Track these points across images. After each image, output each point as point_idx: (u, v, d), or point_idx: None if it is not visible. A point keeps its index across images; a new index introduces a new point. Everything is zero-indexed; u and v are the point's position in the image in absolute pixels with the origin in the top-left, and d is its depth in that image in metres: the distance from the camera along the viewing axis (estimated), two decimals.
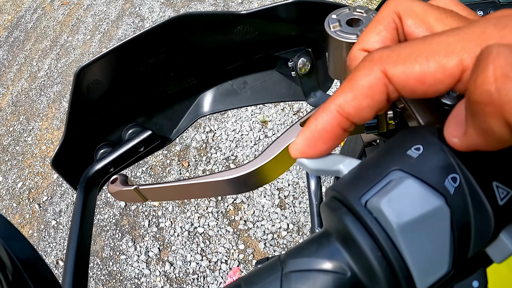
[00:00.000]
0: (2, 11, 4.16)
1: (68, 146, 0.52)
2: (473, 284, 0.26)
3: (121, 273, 2.15)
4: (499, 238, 0.24)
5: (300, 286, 0.26)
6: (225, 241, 2.20)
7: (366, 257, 0.24)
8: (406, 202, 0.23)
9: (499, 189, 0.24)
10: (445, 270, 0.24)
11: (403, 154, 0.26)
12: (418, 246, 0.23)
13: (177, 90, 0.58)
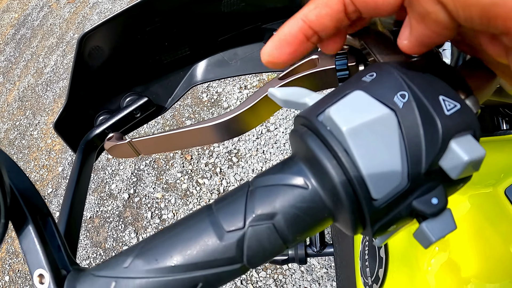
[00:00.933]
0: (10, 9, 4.21)
1: (70, 111, 0.55)
2: (432, 200, 0.26)
3: None
4: (450, 148, 0.25)
5: (264, 199, 0.28)
6: None
7: (323, 167, 0.26)
8: (354, 109, 0.25)
9: (446, 102, 0.26)
10: (399, 181, 0.25)
11: (358, 80, 0.28)
12: (369, 151, 0.25)
13: (172, 60, 0.60)
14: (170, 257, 0.28)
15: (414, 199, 0.26)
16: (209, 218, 0.29)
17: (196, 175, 2.46)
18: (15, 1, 4.31)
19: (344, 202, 0.26)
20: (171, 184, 2.46)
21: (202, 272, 0.28)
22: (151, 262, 0.28)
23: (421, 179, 0.26)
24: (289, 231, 0.28)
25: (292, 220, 0.28)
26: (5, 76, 3.47)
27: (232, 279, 0.29)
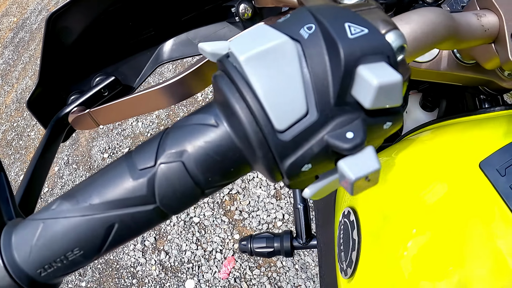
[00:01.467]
0: (9, 13, 4.25)
1: (42, 91, 0.57)
2: (347, 134, 0.25)
3: (118, 262, 2.20)
4: (358, 74, 0.24)
5: (175, 138, 0.29)
6: (220, 230, 2.23)
7: (229, 102, 0.26)
8: (253, 40, 0.25)
9: (351, 27, 0.25)
10: (304, 111, 0.25)
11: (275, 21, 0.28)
12: (268, 80, 0.24)
13: (138, 41, 0.62)
14: (89, 197, 0.29)
15: (327, 134, 0.25)
16: (126, 159, 0.30)
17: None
18: (14, 5, 4.35)
19: (250, 136, 0.26)
20: None
21: (117, 212, 0.28)
22: (73, 202, 0.29)
23: (332, 110, 0.25)
24: (198, 170, 0.28)
25: (202, 159, 0.28)
26: (4, 79, 3.50)
27: (149, 224, 0.30)
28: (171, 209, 0.29)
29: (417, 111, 0.86)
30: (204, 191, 0.29)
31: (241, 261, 2.10)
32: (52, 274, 0.30)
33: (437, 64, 0.64)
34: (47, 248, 0.29)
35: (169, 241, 2.23)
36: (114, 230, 0.29)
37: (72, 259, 0.29)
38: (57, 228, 0.29)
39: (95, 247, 0.29)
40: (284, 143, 0.25)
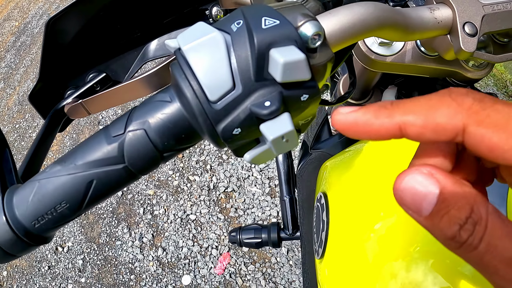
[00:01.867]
0: (10, 18, 4.32)
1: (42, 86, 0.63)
2: (265, 103, 0.31)
3: (116, 258, 2.25)
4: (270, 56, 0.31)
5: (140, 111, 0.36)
6: (216, 227, 2.29)
7: (177, 82, 0.33)
8: (192, 33, 0.33)
9: (266, 20, 0.32)
10: (230, 86, 0.32)
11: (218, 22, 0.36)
12: (204, 64, 0.32)
13: (127, 41, 0.68)
14: (74, 159, 0.36)
15: (250, 103, 0.32)
16: (104, 130, 0.37)
17: (187, 172, 2.54)
18: (15, 10, 4.42)
19: (193, 107, 0.33)
20: (163, 181, 2.53)
21: (95, 170, 0.36)
22: (62, 164, 0.36)
23: (253, 85, 0.32)
24: (157, 136, 0.35)
25: (159, 127, 0.35)
26: (6, 82, 3.56)
27: (120, 182, 0.37)
28: (136, 168, 0.36)
29: None
30: (162, 154, 0.36)
31: (236, 257, 2.15)
32: (44, 225, 0.37)
33: (402, 57, 0.68)
34: (41, 202, 0.36)
35: (166, 238, 2.28)
36: (93, 185, 0.36)
37: (60, 211, 0.36)
38: (49, 185, 0.36)
39: (78, 200, 0.36)
40: (217, 111, 0.32)
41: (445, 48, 0.58)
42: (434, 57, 0.68)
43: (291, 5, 0.36)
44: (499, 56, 0.61)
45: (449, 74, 0.71)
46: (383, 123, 0.26)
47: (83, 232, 2.40)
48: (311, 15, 0.35)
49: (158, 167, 0.38)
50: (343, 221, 0.63)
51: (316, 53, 0.34)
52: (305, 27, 0.33)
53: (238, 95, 0.32)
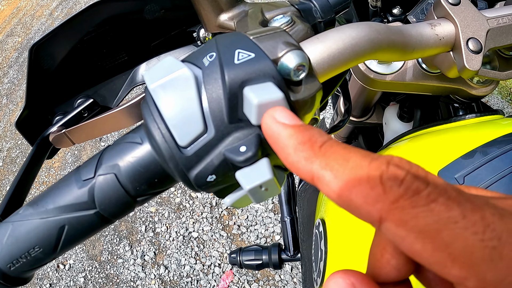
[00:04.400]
0: (13, 33, 4.34)
1: (29, 112, 0.62)
2: (240, 148, 0.28)
3: (118, 276, 2.23)
4: (244, 95, 0.28)
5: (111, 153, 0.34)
6: (218, 245, 2.27)
7: (147, 123, 0.31)
8: (159, 70, 0.30)
9: (240, 53, 0.30)
10: (201, 129, 0.29)
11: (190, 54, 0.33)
12: (172, 104, 0.29)
13: (113, 65, 0.67)
14: (46, 202, 0.35)
15: (224, 148, 0.29)
16: (74, 172, 0.35)
17: (189, 190, 2.52)
18: (18, 26, 4.44)
19: (163, 152, 0.30)
20: (165, 198, 2.52)
21: (66, 215, 0.34)
22: (34, 207, 0.35)
23: (227, 127, 0.29)
24: (128, 181, 0.33)
25: (130, 171, 0.33)
26: (9, 98, 3.57)
27: (93, 227, 0.35)
28: (109, 214, 0.35)
29: (395, 122, 0.88)
30: (135, 198, 0.34)
31: (239, 275, 2.13)
32: (20, 268, 0.35)
33: (402, 75, 0.65)
34: (14, 245, 0.35)
35: (168, 256, 2.26)
36: (65, 231, 0.34)
37: (34, 255, 0.35)
38: (22, 228, 0.35)
39: (51, 245, 0.35)
40: (188, 157, 0.30)
41: (448, 66, 0.54)
42: (436, 74, 0.65)
43: (272, 31, 0.33)
44: (506, 73, 0.58)
45: (453, 91, 0.69)
46: (295, 162, 0.23)
47: (85, 250, 2.38)
48: (294, 43, 0.32)
49: (133, 210, 0.37)
50: (341, 251, 0.62)
51: (301, 86, 0.31)
52: (286, 58, 0.30)
53: (211, 139, 0.30)
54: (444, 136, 0.65)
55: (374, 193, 0.19)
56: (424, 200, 0.19)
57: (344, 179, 0.20)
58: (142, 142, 0.33)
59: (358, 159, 0.21)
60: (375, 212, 0.19)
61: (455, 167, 0.53)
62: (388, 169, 0.20)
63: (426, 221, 0.18)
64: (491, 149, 0.53)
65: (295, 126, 0.24)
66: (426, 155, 0.62)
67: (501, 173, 0.50)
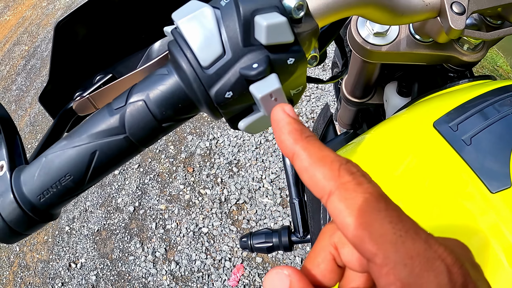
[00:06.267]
0: (20, 42, 4.40)
1: (51, 87, 0.64)
2: (253, 65, 0.34)
3: (129, 273, 2.25)
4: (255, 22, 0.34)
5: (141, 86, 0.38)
6: (229, 239, 2.28)
7: (173, 54, 0.36)
8: (185, 9, 0.36)
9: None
10: (220, 52, 0.35)
11: None
12: (196, 34, 0.35)
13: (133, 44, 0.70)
14: (80, 133, 0.38)
15: (239, 67, 0.35)
16: (107, 106, 0.39)
17: (198, 186, 2.55)
18: (25, 34, 4.50)
19: (188, 75, 0.35)
20: (174, 195, 2.54)
21: (98, 141, 0.37)
22: (68, 139, 0.38)
23: (242, 50, 0.35)
24: (155, 106, 0.37)
25: (158, 97, 0.37)
26: (17, 104, 3.61)
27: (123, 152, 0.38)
28: (137, 138, 0.38)
29: (395, 98, 0.92)
30: (161, 124, 0.38)
31: (250, 268, 2.14)
32: (49, 199, 0.38)
33: (396, 45, 0.69)
34: (46, 175, 0.38)
35: (179, 252, 2.28)
36: (95, 156, 0.37)
37: (65, 184, 0.38)
38: (54, 159, 0.38)
39: (82, 171, 0.38)
40: (210, 75, 0.35)
41: (437, 31, 0.59)
42: (428, 43, 0.69)
43: None
44: (491, 33, 0.62)
45: (445, 59, 0.72)
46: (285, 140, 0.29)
47: (96, 248, 2.40)
48: None
49: (158, 139, 0.39)
50: None
51: (301, 23, 0.37)
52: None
53: (228, 60, 0.35)
54: (438, 98, 0.68)
55: (331, 173, 0.26)
56: (363, 190, 0.25)
57: (314, 160, 0.27)
58: (168, 73, 0.37)
59: (329, 152, 0.28)
60: (328, 187, 0.26)
61: (449, 117, 0.57)
62: (346, 164, 0.27)
63: (360, 203, 0.24)
64: (482, 101, 0.57)
65: (293, 118, 0.31)
66: (421, 112, 0.65)
67: (490, 120, 0.53)
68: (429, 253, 0.23)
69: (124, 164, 0.41)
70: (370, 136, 0.69)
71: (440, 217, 0.49)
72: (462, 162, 0.50)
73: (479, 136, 0.52)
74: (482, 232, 0.45)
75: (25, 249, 2.51)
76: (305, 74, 0.38)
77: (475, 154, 0.50)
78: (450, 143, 0.53)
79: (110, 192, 2.65)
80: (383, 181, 0.58)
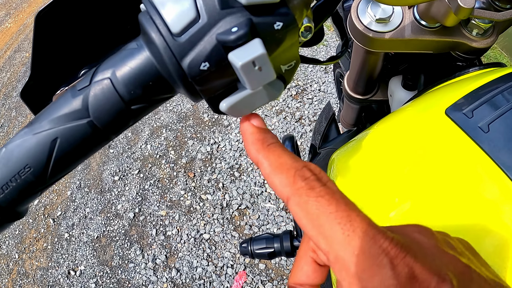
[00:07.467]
0: (21, 49, 4.38)
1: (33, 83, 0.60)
2: (232, 29, 0.29)
3: (129, 281, 2.20)
4: None
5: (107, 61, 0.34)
6: (230, 246, 2.24)
7: (141, 23, 0.31)
8: None
9: None
10: (194, 16, 0.29)
11: None
12: None
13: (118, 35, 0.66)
14: (40, 119, 0.33)
15: (217, 33, 0.29)
16: (72, 86, 0.34)
17: (199, 191, 2.50)
18: (25, 41, 4.48)
19: (157, 44, 0.30)
20: (175, 201, 2.49)
21: (59, 127, 0.32)
22: (29, 126, 0.33)
23: (219, 14, 0.29)
24: (122, 84, 0.32)
25: (125, 75, 0.32)
26: (18, 110, 3.59)
27: (87, 140, 0.33)
28: (102, 122, 0.33)
29: (400, 92, 0.87)
30: (129, 106, 0.33)
31: (252, 275, 2.09)
32: (9, 195, 0.34)
33: (401, 32, 0.65)
34: (5, 167, 0.33)
35: (180, 258, 2.23)
36: (56, 144, 0.33)
37: (24, 177, 0.33)
38: (14, 149, 0.33)
39: (42, 162, 0.33)
40: (181, 43, 0.29)
41: (444, 12, 0.56)
42: (435, 28, 0.64)
43: None
44: (502, 13, 0.58)
45: (453, 46, 0.68)
46: (250, 149, 0.32)
47: (96, 256, 2.36)
48: None
49: (128, 125, 0.34)
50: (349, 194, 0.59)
51: None
52: None
53: (204, 25, 0.29)
54: (448, 87, 0.64)
55: (287, 181, 0.28)
56: (315, 194, 0.27)
57: (273, 168, 0.30)
58: (138, 47, 0.32)
59: (287, 159, 0.30)
60: (285, 193, 0.28)
61: (461, 104, 0.53)
62: (301, 170, 0.29)
63: (312, 207, 0.27)
64: (497, 86, 0.53)
65: (258, 128, 0.33)
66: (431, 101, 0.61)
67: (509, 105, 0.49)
68: (374, 249, 0.24)
69: (91, 154, 0.36)
70: (376, 130, 0.65)
71: (458, 212, 0.45)
72: (480, 151, 0.46)
73: (498, 122, 0.48)
74: (505, 226, 0.41)
75: (24, 256, 2.47)
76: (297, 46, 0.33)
77: (495, 142, 0.46)
78: (465, 131, 0.49)
79: (110, 198, 2.61)
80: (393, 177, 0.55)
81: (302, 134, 2.62)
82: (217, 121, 2.87)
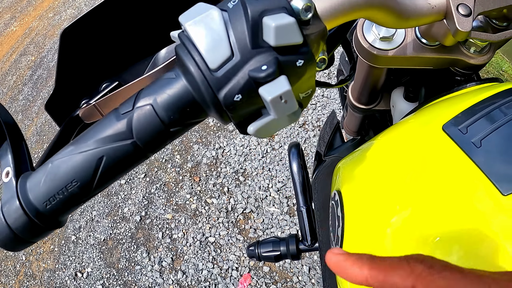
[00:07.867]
0: (26, 52, 4.42)
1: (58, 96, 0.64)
2: (262, 67, 0.34)
3: (136, 283, 2.24)
4: (264, 23, 0.34)
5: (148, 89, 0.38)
6: (235, 249, 2.27)
7: (181, 58, 0.35)
8: (193, 12, 0.35)
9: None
10: (229, 54, 0.34)
11: None
12: (204, 36, 0.34)
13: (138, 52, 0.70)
14: (87, 139, 0.37)
15: (248, 69, 0.34)
16: (113, 111, 0.39)
17: (205, 195, 2.54)
18: (31, 45, 4.52)
19: (195, 77, 0.34)
20: (181, 205, 2.53)
21: (105, 146, 0.37)
22: (75, 144, 0.38)
23: (250, 52, 0.34)
24: (163, 110, 0.36)
25: (165, 102, 0.36)
26: (24, 114, 3.63)
27: (130, 158, 0.38)
28: (144, 143, 0.37)
29: (402, 103, 0.91)
30: (169, 129, 0.37)
31: (257, 277, 2.13)
32: (55, 206, 0.37)
33: (403, 50, 0.69)
34: (52, 181, 0.37)
35: (185, 261, 2.27)
36: (103, 162, 0.37)
37: (71, 190, 0.37)
38: (61, 165, 0.37)
39: (88, 177, 0.37)
40: (218, 78, 0.34)
41: (443, 33, 0.59)
42: (435, 46, 0.68)
43: None
44: (497, 35, 0.62)
45: (452, 62, 0.72)
46: (354, 272, 0.33)
47: (102, 258, 2.40)
48: None
49: (166, 144, 0.39)
50: (358, 215, 0.63)
51: (309, 25, 0.36)
52: (295, 1, 0.35)
53: (237, 62, 0.34)
54: (446, 101, 0.68)
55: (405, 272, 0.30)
56: (437, 269, 0.29)
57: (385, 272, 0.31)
58: (176, 77, 0.37)
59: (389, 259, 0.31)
60: (409, 284, 0.29)
61: (457, 120, 0.56)
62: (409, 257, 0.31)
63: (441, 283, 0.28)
64: (490, 103, 0.56)
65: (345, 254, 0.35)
66: (430, 116, 0.65)
67: (500, 121, 0.53)
68: None
69: (130, 170, 0.40)
70: (379, 142, 0.69)
71: (452, 221, 0.49)
72: (473, 165, 0.50)
73: (489, 138, 0.51)
74: (495, 235, 0.44)
75: (31, 258, 2.51)
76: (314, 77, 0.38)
77: (486, 156, 0.50)
78: (460, 146, 0.53)
79: (116, 202, 2.65)
80: (394, 186, 0.58)
81: (306, 139, 2.66)
82: (222, 127, 2.91)
